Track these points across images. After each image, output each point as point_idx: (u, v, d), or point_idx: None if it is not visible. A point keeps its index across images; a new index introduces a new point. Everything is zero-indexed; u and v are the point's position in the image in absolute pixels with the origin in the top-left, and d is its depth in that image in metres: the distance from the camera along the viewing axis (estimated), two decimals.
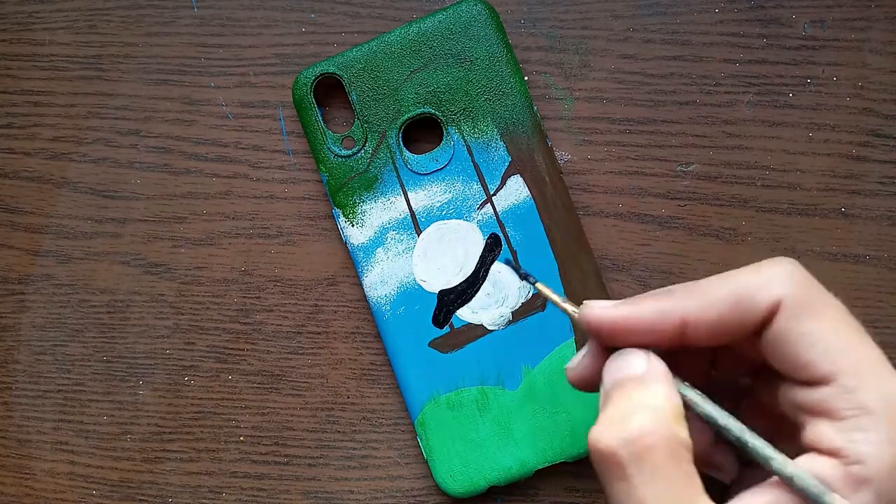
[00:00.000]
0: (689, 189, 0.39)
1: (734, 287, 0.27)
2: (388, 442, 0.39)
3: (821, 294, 0.27)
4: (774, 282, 0.27)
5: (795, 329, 0.26)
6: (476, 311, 0.38)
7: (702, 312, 0.27)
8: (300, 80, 0.38)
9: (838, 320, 0.27)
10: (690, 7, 0.39)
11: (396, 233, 0.38)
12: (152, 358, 0.40)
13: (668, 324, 0.27)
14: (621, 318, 0.28)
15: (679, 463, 0.25)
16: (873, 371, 0.26)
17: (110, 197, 0.40)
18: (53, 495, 0.40)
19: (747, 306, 0.27)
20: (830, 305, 0.27)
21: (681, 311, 0.27)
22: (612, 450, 0.26)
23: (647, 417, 0.26)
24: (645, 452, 0.25)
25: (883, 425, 0.25)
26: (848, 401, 0.25)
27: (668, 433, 0.25)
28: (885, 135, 0.38)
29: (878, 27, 0.39)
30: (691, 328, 0.27)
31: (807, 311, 0.27)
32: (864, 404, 0.25)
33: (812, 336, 0.26)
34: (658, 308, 0.28)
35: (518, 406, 0.37)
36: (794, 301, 0.27)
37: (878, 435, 0.25)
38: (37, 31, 0.40)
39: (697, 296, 0.27)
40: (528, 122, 0.38)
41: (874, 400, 0.25)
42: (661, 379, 0.27)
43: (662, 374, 0.27)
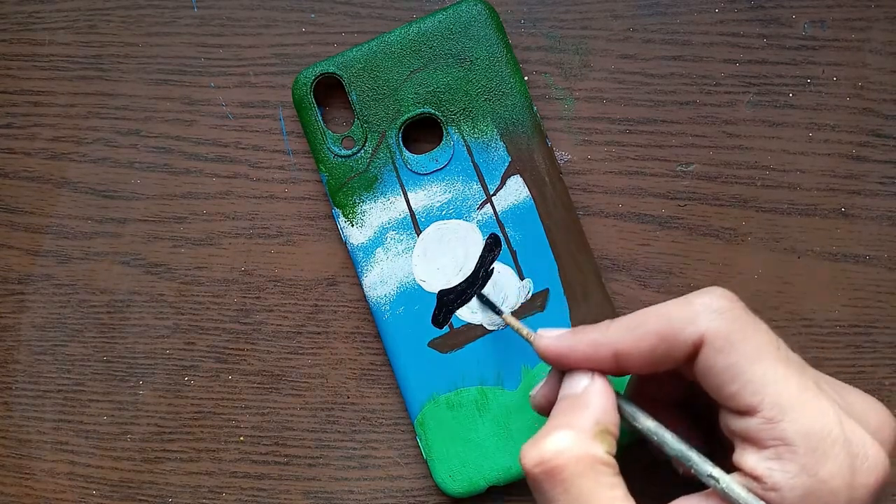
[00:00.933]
0: (689, 189, 0.39)
1: (663, 321, 0.29)
2: (388, 442, 0.39)
3: (746, 324, 0.29)
4: (699, 316, 0.29)
5: (719, 363, 0.28)
6: (476, 312, 0.38)
7: (633, 346, 0.29)
8: (300, 80, 0.38)
9: (761, 352, 0.28)
10: (690, 7, 0.39)
11: (396, 233, 0.38)
12: (152, 358, 0.40)
13: (602, 355, 0.30)
14: (561, 348, 0.31)
15: (592, 479, 0.28)
16: (795, 403, 0.27)
17: (110, 197, 0.40)
18: (53, 495, 0.40)
19: (674, 341, 0.29)
20: (755, 337, 0.28)
21: (614, 344, 0.30)
22: (528, 468, 0.28)
23: (563, 437, 0.28)
24: (555, 471, 0.28)
25: (799, 457, 0.27)
26: (769, 432, 0.27)
27: (581, 452, 0.28)
28: (885, 135, 0.38)
29: (878, 27, 0.39)
30: (625, 359, 0.30)
31: (730, 344, 0.28)
32: (783, 435, 0.27)
33: (735, 370, 0.28)
34: (593, 341, 0.30)
35: (518, 406, 0.37)
36: (717, 335, 0.28)
37: (795, 466, 0.27)
38: (37, 31, 0.40)
39: (630, 329, 0.30)
40: (527, 122, 0.38)
41: (793, 432, 0.27)
42: (595, 398, 0.30)
43: (599, 394, 0.30)
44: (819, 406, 0.27)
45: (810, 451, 0.27)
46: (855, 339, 0.38)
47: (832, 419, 0.27)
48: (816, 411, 0.27)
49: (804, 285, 0.39)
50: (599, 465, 0.28)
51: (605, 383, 0.30)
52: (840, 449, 0.27)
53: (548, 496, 0.28)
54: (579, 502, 0.27)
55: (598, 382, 0.30)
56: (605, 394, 0.30)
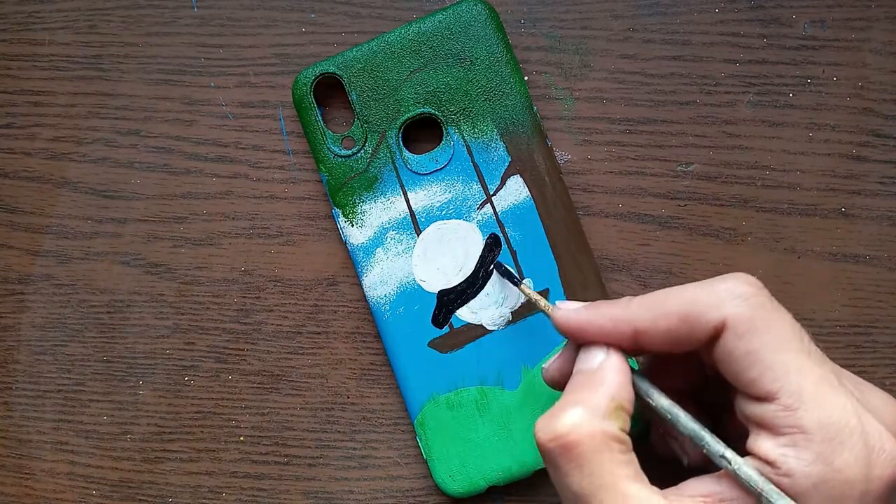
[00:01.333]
0: (689, 189, 0.39)
1: (685, 302, 0.29)
2: (388, 442, 0.39)
3: (770, 312, 0.29)
4: (723, 300, 0.29)
5: (740, 348, 0.28)
6: (476, 311, 0.38)
7: (652, 324, 0.29)
8: (300, 80, 0.38)
9: (783, 340, 0.28)
10: (690, 7, 0.39)
11: (396, 233, 0.38)
12: (152, 358, 0.40)
13: (621, 331, 0.30)
14: (581, 321, 0.31)
15: (606, 455, 0.28)
16: (814, 392, 0.27)
17: (110, 197, 0.40)
18: (53, 495, 0.40)
19: (695, 323, 0.29)
20: (778, 324, 0.28)
21: (633, 321, 0.30)
22: (543, 443, 0.28)
23: (578, 413, 0.28)
24: (570, 446, 0.28)
25: (815, 445, 0.27)
26: (786, 419, 0.27)
27: (595, 428, 0.28)
28: (885, 135, 0.38)
29: (879, 27, 0.39)
30: (644, 337, 0.30)
31: (752, 330, 0.28)
32: (800, 424, 0.27)
33: (756, 355, 0.28)
34: (613, 316, 0.30)
35: (517, 406, 0.37)
36: (740, 321, 0.28)
37: (810, 454, 0.27)
38: (37, 31, 0.40)
39: (651, 308, 0.30)
40: (527, 122, 0.38)
41: (811, 420, 0.27)
42: (611, 374, 0.30)
43: (615, 370, 0.30)
44: (838, 397, 0.27)
45: (827, 440, 0.27)
46: (855, 339, 0.38)
47: (850, 411, 0.27)
48: (835, 402, 0.27)
49: (804, 285, 0.39)
50: (613, 441, 0.28)
51: (621, 359, 0.30)
52: (857, 440, 0.27)
53: (561, 471, 0.28)
54: (593, 478, 0.27)
55: (613, 358, 0.30)
56: (620, 370, 0.30)
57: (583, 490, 0.28)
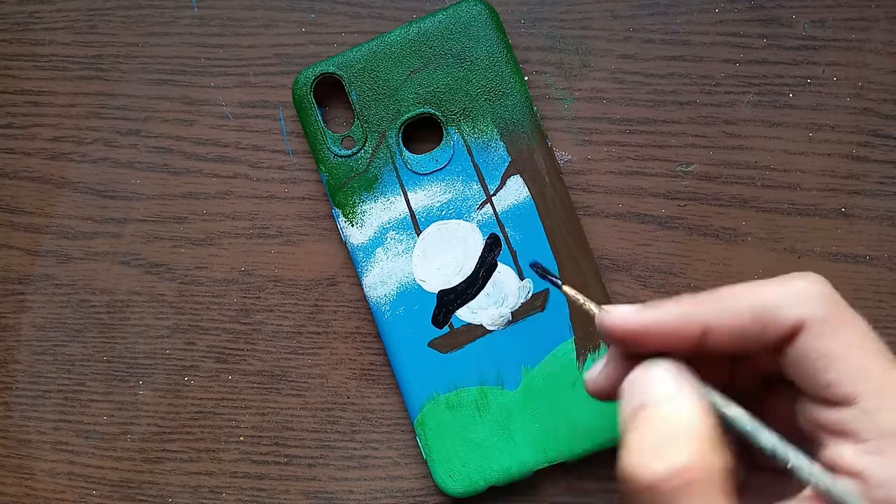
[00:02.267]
0: (689, 189, 0.39)
1: (759, 300, 0.27)
2: (388, 442, 0.39)
3: (845, 313, 0.27)
4: (801, 300, 0.27)
5: (819, 349, 0.26)
6: (475, 312, 0.38)
7: (724, 322, 0.27)
8: (300, 80, 0.38)
9: (862, 341, 0.26)
10: (690, 7, 0.39)
11: (396, 233, 0.38)
12: (152, 358, 0.40)
13: (689, 331, 0.27)
14: (644, 325, 0.27)
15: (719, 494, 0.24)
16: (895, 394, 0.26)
17: (110, 197, 0.40)
18: (53, 495, 0.40)
19: (770, 321, 0.26)
20: (854, 325, 0.27)
21: (703, 318, 0.27)
22: (653, 484, 0.24)
23: (687, 448, 0.25)
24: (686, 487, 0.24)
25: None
26: (869, 423, 0.25)
27: (708, 464, 0.24)
28: (885, 135, 0.38)
29: (879, 27, 0.39)
30: (712, 337, 0.27)
31: (831, 331, 0.26)
32: (885, 428, 0.25)
33: (835, 357, 0.26)
34: (681, 314, 0.27)
35: (517, 406, 0.37)
36: (818, 321, 0.26)
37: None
38: (37, 31, 0.40)
39: (721, 304, 0.27)
40: (527, 122, 0.38)
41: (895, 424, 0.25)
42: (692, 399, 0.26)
43: (694, 393, 0.26)
44: None
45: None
46: None
47: None
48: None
49: None
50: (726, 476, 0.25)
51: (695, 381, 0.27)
52: None
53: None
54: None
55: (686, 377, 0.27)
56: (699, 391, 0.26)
57: None
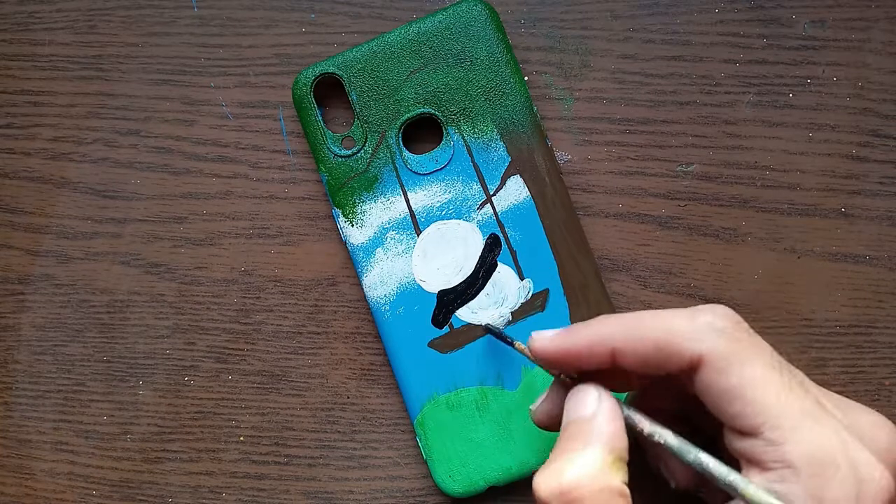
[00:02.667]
0: (689, 189, 0.39)
1: (662, 330, 0.28)
2: (388, 442, 0.39)
3: (747, 346, 0.28)
4: (701, 334, 0.28)
5: (720, 384, 0.28)
6: (476, 312, 0.38)
7: (630, 348, 0.29)
8: (300, 80, 0.38)
9: (764, 374, 0.28)
10: (690, 7, 0.39)
11: (396, 233, 0.38)
12: (152, 358, 0.40)
13: (599, 353, 0.29)
14: (557, 349, 0.30)
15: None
16: (797, 426, 0.27)
17: (110, 197, 0.40)
18: (53, 495, 0.40)
19: (671, 354, 0.28)
20: (757, 359, 0.28)
21: (610, 343, 0.29)
22: (547, 499, 0.27)
23: (582, 468, 0.27)
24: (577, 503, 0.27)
25: (803, 479, 0.26)
26: (772, 454, 0.27)
27: (601, 484, 0.27)
28: (885, 135, 0.38)
29: (878, 27, 0.39)
30: (622, 359, 0.29)
31: (731, 365, 0.28)
32: (786, 458, 0.27)
33: (736, 392, 0.27)
34: (590, 339, 0.29)
35: (517, 406, 0.37)
36: (717, 356, 0.28)
37: (799, 489, 0.26)
38: (37, 31, 0.40)
39: (628, 331, 0.29)
40: (527, 122, 0.38)
41: (796, 454, 0.26)
42: (605, 423, 0.29)
43: (609, 418, 0.29)
44: (823, 430, 0.27)
45: (815, 475, 0.26)
46: (855, 339, 0.38)
47: (836, 443, 0.27)
48: (819, 434, 0.27)
49: (804, 285, 0.39)
50: (619, 497, 0.27)
51: (614, 405, 0.29)
52: (845, 473, 0.26)
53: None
54: None
55: (605, 403, 0.29)
56: (615, 416, 0.29)
57: None
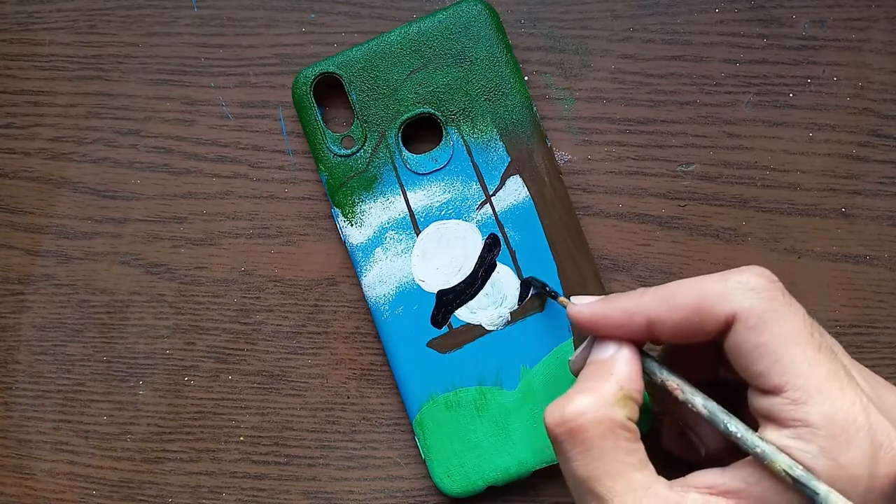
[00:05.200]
0: (689, 189, 0.39)
1: (697, 294, 0.29)
2: (388, 442, 0.39)
3: (781, 305, 0.29)
4: (734, 292, 0.29)
5: (750, 341, 0.28)
6: (475, 312, 0.38)
7: (666, 315, 0.30)
8: (300, 80, 0.38)
9: (794, 333, 0.28)
10: (690, 7, 0.39)
11: (395, 233, 0.38)
12: (152, 358, 0.40)
13: (635, 323, 0.30)
14: (595, 314, 0.31)
15: (611, 441, 0.28)
16: (821, 387, 0.27)
17: (110, 197, 0.40)
18: (53, 495, 0.40)
19: (707, 315, 0.29)
20: (789, 317, 0.28)
21: (647, 312, 0.30)
22: (551, 427, 0.29)
23: (586, 400, 0.29)
24: (576, 431, 0.28)
25: (820, 440, 0.27)
26: (792, 412, 0.27)
27: (602, 415, 0.28)
28: (885, 135, 0.38)
29: (879, 27, 0.38)
30: (657, 328, 0.30)
31: (762, 323, 0.28)
32: (806, 418, 0.27)
33: (765, 349, 0.28)
34: (626, 308, 0.30)
35: (516, 406, 0.37)
36: (750, 313, 0.28)
37: (815, 447, 0.27)
38: (37, 31, 0.41)
39: (664, 299, 0.30)
40: (527, 122, 0.38)
41: (816, 414, 0.27)
42: (621, 364, 0.30)
43: (625, 360, 0.30)
44: (846, 393, 0.27)
45: (832, 436, 0.27)
46: (855, 339, 0.38)
47: (858, 408, 0.27)
48: (843, 398, 0.27)
49: (804, 285, 0.38)
50: (619, 429, 0.28)
51: (632, 350, 0.31)
52: (863, 437, 0.27)
53: (567, 455, 0.29)
54: (598, 464, 0.28)
55: (624, 349, 0.30)
56: (630, 361, 0.30)
57: (588, 475, 0.28)
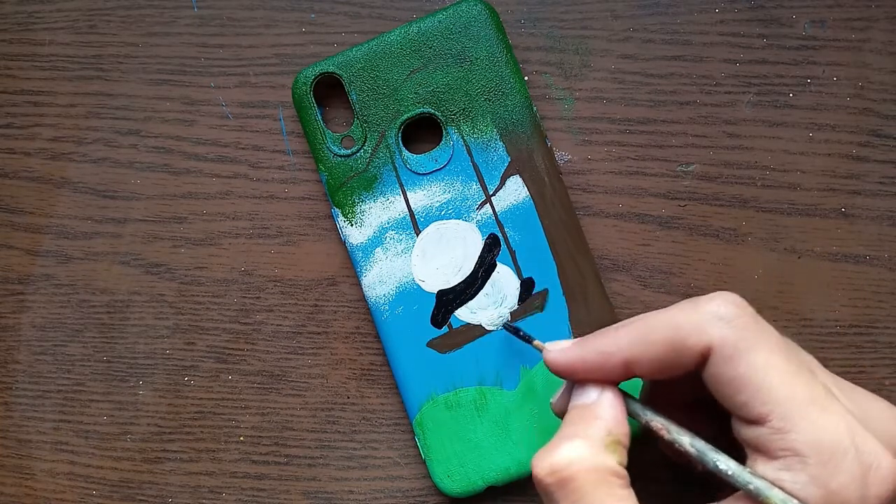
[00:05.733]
0: (689, 189, 0.39)
1: (670, 329, 0.29)
2: (388, 442, 0.39)
3: (754, 333, 0.28)
4: (707, 324, 0.28)
5: (727, 372, 0.28)
6: (475, 312, 0.38)
7: (642, 354, 0.29)
8: (300, 80, 0.38)
9: (771, 360, 0.28)
10: (690, 7, 0.39)
11: (395, 233, 0.38)
12: (152, 358, 0.40)
13: (612, 363, 0.30)
14: (571, 361, 0.30)
15: (604, 489, 0.27)
16: (804, 413, 0.27)
17: (110, 197, 0.40)
18: (53, 495, 0.40)
19: (682, 350, 0.28)
20: (763, 345, 0.28)
21: (623, 352, 0.29)
22: (540, 477, 0.28)
23: (576, 447, 0.28)
24: (567, 481, 0.28)
25: (809, 468, 0.27)
26: (779, 442, 0.27)
27: (594, 462, 0.28)
28: (885, 135, 0.38)
29: (879, 27, 0.38)
30: (635, 367, 0.29)
31: (738, 353, 0.28)
32: (793, 446, 0.27)
33: (744, 379, 0.28)
34: (602, 350, 0.30)
35: (516, 406, 0.37)
36: (724, 344, 0.28)
37: (805, 476, 0.27)
38: (37, 31, 0.41)
39: (639, 337, 0.29)
40: (527, 122, 0.38)
41: (803, 442, 0.27)
42: (606, 408, 0.30)
43: (610, 404, 0.30)
44: (829, 417, 0.27)
45: (821, 463, 0.27)
46: (855, 339, 0.38)
47: (843, 430, 0.27)
48: (826, 423, 0.27)
49: (804, 285, 0.38)
50: (611, 476, 0.28)
51: (617, 393, 0.30)
52: (851, 460, 0.27)
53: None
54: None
55: (608, 392, 0.30)
56: (615, 404, 0.30)
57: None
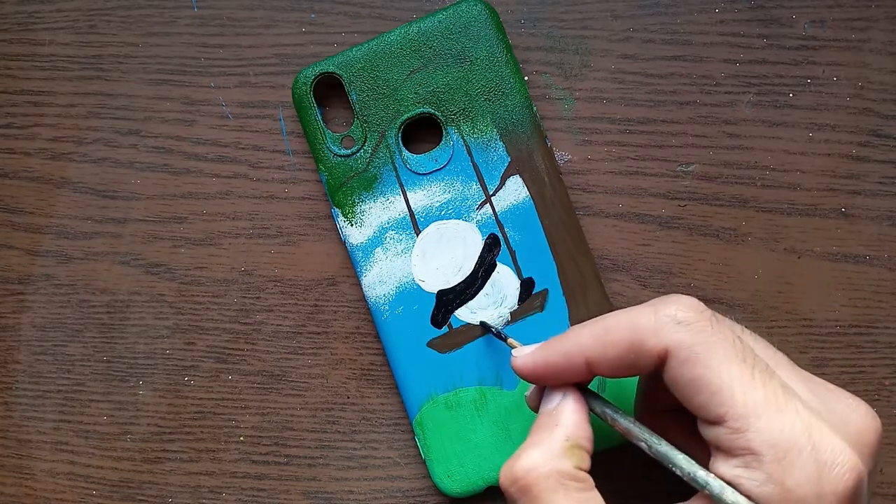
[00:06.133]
0: (689, 189, 0.39)
1: (629, 330, 0.29)
2: (388, 442, 0.39)
3: (710, 336, 0.29)
4: (663, 327, 0.29)
5: (685, 375, 0.28)
6: (475, 312, 0.38)
7: (602, 354, 0.30)
8: (300, 80, 0.38)
9: (727, 362, 0.28)
10: (690, 7, 0.39)
11: (395, 232, 0.38)
12: (152, 358, 0.40)
13: (575, 364, 0.30)
14: (536, 364, 0.31)
15: (562, 494, 0.28)
16: (760, 412, 0.28)
17: (110, 197, 0.40)
18: (53, 495, 0.40)
19: (640, 351, 0.29)
20: (720, 347, 0.28)
21: (584, 352, 0.30)
22: (504, 488, 0.29)
23: (534, 455, 0.29)
24: (527, 489, 0.29)
25: (766, 466, 0.27)
26: (737, 441, 0.28)
27: (550, 469, 0.29)
28: (885, 135, 0.38)
29: (879, 27, 0.38)
30: (596, 367, 0.30)
31: (695, 356, 0.28)
32: (749, 445, 0.27)
33: (700, 381, 0.28)
34: (564, 351, 0.30)
35: (516, 406, 0.37)
36: (680, 347, 0.29)
37: (761, 474, 0.27)
38: (37, 31, 0.41)
39: (599, 337, 0.30)
40: (527, 122, 0.38)
41: (759, 441, 0.27)
42: (566, 414, 0.30)
43: (570, 410, 0.30)
44: (785, 416, 0.28)
45: (776, 460, 0.27)
46: (855, 339, 0.38)
47: (798, 428, 0.27)
48: (781, 421, 0.27)
49: (804, 285, 0.38)
50: (569, 480, 0.29)
51: (577, 398, 0.31)
52: (807, 458, 0.27)
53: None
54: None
55: (569, 398, 0.31)
56: (576, 409, 0.31)
57: None
